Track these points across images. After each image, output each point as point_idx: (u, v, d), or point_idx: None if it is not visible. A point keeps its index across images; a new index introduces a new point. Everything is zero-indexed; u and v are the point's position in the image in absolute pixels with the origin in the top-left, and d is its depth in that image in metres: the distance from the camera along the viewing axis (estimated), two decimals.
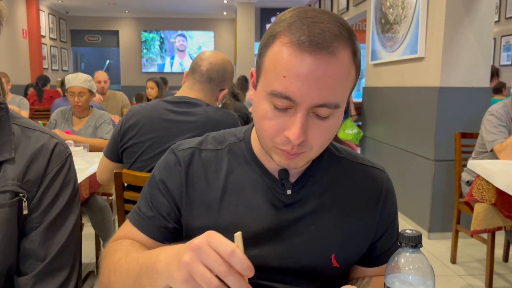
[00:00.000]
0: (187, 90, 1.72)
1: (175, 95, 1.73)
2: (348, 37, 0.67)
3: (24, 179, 0.82)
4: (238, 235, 0.56)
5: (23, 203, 0.82)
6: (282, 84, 0.66)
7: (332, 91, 0.66)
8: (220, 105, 1.88)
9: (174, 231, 0.83)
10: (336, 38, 0.65)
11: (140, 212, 0.84)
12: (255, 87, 0.75)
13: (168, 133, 1.61)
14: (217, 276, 0.54)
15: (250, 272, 0.54)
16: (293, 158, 0.72)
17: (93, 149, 2.67)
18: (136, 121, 1.65)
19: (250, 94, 0.78)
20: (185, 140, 0.88)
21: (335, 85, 0.66)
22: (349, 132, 4.96)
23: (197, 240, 0.56)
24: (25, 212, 0.82)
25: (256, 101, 0.73)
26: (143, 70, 11.89)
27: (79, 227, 0.91)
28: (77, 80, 2.80)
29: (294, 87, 0.65)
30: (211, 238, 0.55)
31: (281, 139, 0.69)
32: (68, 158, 0.89)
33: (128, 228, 0.85)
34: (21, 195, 0.81)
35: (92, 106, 2.95)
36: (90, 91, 2.84)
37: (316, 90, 0.65)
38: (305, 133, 0.68)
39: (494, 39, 6.91)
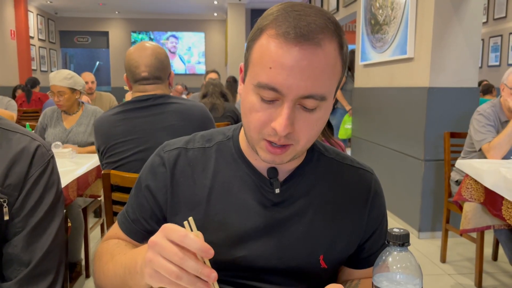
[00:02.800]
0: (142, 90, 1.71)
1: (133, 97, 1.72)
2: (335, 30, 0.68)
3: (5, 183, 0.80)
4: (190, 220, 0.59)
5: (4, 209, 0.80)
6: (268, 76, 0.66)
7: (318, 82, 0.66)
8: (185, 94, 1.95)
9: None
10: (322, 30, 0.66)
11: (126, 214, 0.85)
12: (243, 81, 0.75)
13: (142, 129, 1.64)
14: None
15: (206, 253, 0.56)
16: (278, 154, 0.71)
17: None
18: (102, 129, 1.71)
19: (239, 88, 0.78)
20: (172, 140, 0.87)
21: (321, 76, 0.66)
22: (348, 127, 4.95)
23: (154, 237, 0.59)
24: (6, 217, 0.80)
25: (244, 94, 0.73)
26: None
27: (64, 230, 0.90)
28: (55, 78, 2.65)
29: (280, 78, 0.65)
30: (165, 230, 0.59)
31: (268, 131, 0.69)
32: (50, 161, 0.88)
33: (116, 229, 0.87)
34: (1, 200, 0.79)
35: (82, 103, 2.83)
36: (72, 89, 2.67)
37: (302, 81, 0.65)
38: (292, 125, 0.68)
39: (483, 40, 6.98)
